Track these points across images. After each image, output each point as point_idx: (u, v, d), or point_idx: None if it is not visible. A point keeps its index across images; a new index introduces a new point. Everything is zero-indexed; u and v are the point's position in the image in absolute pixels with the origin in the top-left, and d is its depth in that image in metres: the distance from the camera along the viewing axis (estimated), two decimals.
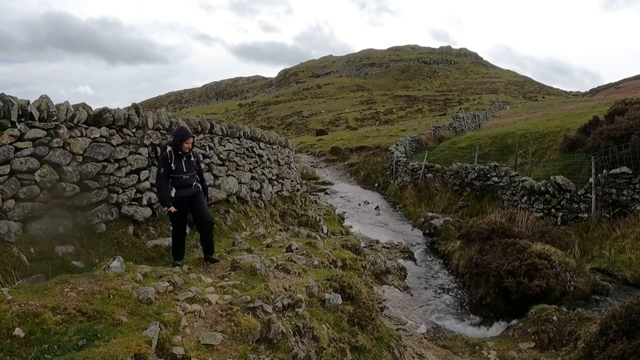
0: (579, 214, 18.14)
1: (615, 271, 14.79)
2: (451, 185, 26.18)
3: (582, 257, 15.61)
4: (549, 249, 13.67)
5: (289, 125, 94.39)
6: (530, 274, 12.43)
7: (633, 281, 14.04)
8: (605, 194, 17.69)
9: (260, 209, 15.02)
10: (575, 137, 23.25)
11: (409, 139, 38.37)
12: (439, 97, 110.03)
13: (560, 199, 18.66)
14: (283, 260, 9.15)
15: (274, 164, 17.61)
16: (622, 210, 17.24)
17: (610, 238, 16.52)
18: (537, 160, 24.69)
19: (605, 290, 13.29)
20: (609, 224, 17.11)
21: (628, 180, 17.36)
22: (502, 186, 22.57)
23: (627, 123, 19.52)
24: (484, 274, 13.34)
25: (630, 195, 17.21)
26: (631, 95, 37.12)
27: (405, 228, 22.35)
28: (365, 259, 13.43)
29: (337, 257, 11.15)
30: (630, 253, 15.26)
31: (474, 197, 24.07)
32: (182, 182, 8.78)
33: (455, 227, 19.14)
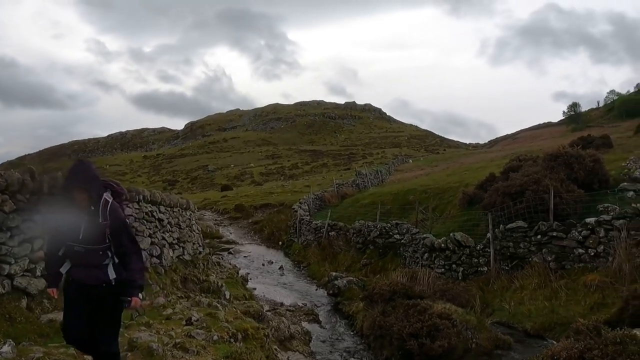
0: (479, 268, 18.60)
1: (516, 323, 15.06)
2: (354, 243, 26.25)
3: (484, 311, 15.86)
4: (449, 308, 13.84)
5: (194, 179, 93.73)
6: (432, 334, 12.51)
7: (533, 332, 14.32)
8: (503, 248, 18.23)
9: (161, 276, 14.62)
10: (473, 193, 23.99)
11: (312, 197, 38.59)
12: (343, 152, 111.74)
13: (460, 254, 19.10)
14: (182, 337, 8.86)
15: (175, 227, 17.26)
16: (519, 262, 17.78)
17: (510, 290, 16.94)
18: (437, 216, 25.22)
19: (506, 344, 13.48)
20: (508, 277, 17.59)
21: (524, 233, 17.97)
22: (404, 243, 22.79)
23: (521, 180, 20.27)
24: (387, 336, 13.35)
25: (527, 247, 17.79)
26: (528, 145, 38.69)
27: (309, 288, 22.22)
28: (268, 325, 13.22)
29: (238, 328, 10.89)
30: (529, 304, 15.62)
31: (377, 254, 24.19)
32: (75, 256, 5.79)
33: (359, 287, 19.17)
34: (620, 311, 12.91)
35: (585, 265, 16.44)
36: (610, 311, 13.46)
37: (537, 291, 16.23)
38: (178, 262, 16.66)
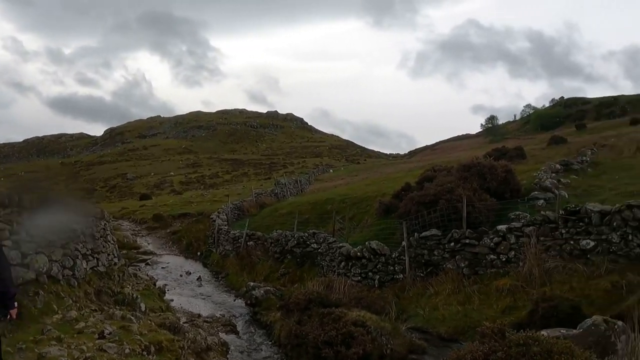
0: (394, 276, 18.93)
1: (430, 328, 15.38)
2: (272, 253, 26.19)
3: (400, 317, 16.10)
4: (364, 315, 14.01)
5: (113, 187, 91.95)
6: (347, 342, 12.62)
7: (447, 336, 14.66)
8: (418, 255, 18.64)
9: (74, 288, 14.24)
10: (390, 202, 24.42)
11: (231, 206, 38.42)
12: (264, 161, 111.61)
13: (376, 262, 19.39)
14: (93, 351, 8.70)
15: (89, 237, 16.88)
16: (434, 269, 18.23)
17: (425, 296, 17.33)
18: (355, 225, 25.50)
19: (421, 349, 13.75)
20: (423, 283, 18.02)
21: (438, 241, 18.43)
22: (322, 253, 22.94)
23: (435, 189, 20.79)
24: (303, 345, 13.39)
25: (440, 255, 18.25)
26: (446, 156, 39.66)
27: (227, 299, 22.06)
28: (184, 337, 13.06)
29: (152, 341, 10.75)
30: (443, 309, 16.02)
31: (295, 264, 24.25)
32: None
33: (277, 297, 19.13)
34: (531, 313, 13.42)
35: (498, 271, 17.06)
36: (522, 314, 13.99)
37: (451, 296, 16.67)
38: (92, 273, 16.27)
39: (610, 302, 13.83)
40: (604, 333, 10.41)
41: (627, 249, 15.19)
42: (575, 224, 16.24)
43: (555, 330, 11.19)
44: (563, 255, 16.05)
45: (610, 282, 14.45)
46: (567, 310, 12.87)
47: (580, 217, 16.24)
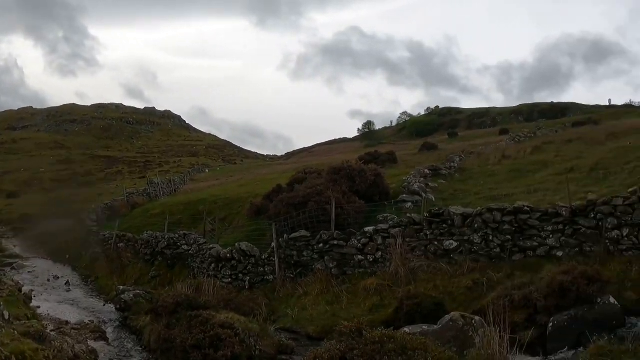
0: (265, 277, 19.12)
1: (300, 328, 15.57)
2: (143, 255, 25.78)
3: (270, 318, 16.21)
4: (233, 317, 14.02)
5: None
6: (215, 345, 12.60)
7: (316, 335, 14.86)
8: (288, 256, 18.88)
9: None
10: (261, 203, 24.57)
11: (102, 206, 37.53)
12: (140, 159, 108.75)
13: (247, 264, 19.50)
14: None
15: None
16: (304, 270, 18.53)
17: (295, 297, 17.59)
18: (227, 227, 25.47)
19: (290, 349, 13.89)
20: (292, 284, 18.29)
21: (307, 242, 18.73)
22: (192, 254, 22.80)
23: (304, 191, 21.15)
24: (172, 350, 13.25)
25: (310, 255, 18.56)
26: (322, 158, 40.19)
27: (97, 304, 21.47)
28: (50, 346, 12.60)
29: (14, 351, 10.29)
30: (312, 310, 16.32)
31: (166, 266, 24.00)
32: None
33: (147, 300, 18.78)
34: (396, 311, 13.89)
35: (365, 271, 17.57)
36: (388, 312, 14.47)
37: (320, 296, 17.00)
38: None
39: (472, 299, 14.54)
40: (462, 328, 10.94)
41: (487, 249, 16.10)
42: (439, 226, 17.00)
43: (418, 326, 11.67)
44: (428, 255, 16.76)
45: (472, 280, 15.21)
46: (431, 307, 13.39)
47: (444, 219, 17.01)
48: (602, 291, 12.16)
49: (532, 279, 13.51)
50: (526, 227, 15.85)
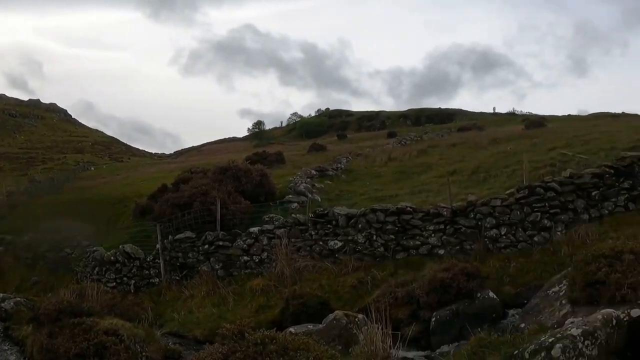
0: (150, 280, 18.80)
1: (186, 332, 15.41)
2: (24, 259, 24.56)
3: (156, 322, 15.92)
4: (117, 323, 13.61)
5: None
6: (100, 353, 12.20)
7: (203, 338, 14.68)
8: (173, 258, 18.67)
9: None
10: (146, 203, 24.09)
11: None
12: (22, 155, 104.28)
13: (131, 267, 19.10)
14: None
15: None
16: (189, 272, 18.36)
17: (181, 300, 17.38)
18: (111, 228, 24.80)
19: (177, 354, 13.65)
20: (178, 287, 18.08)
21: (192, 243, 18.59)
22: (75, 258, 22.12)
23: (190, 191, 20.96)
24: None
25: (195, 257, 18.42)
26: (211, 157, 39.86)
27: None
28: None
29: None
30: (198, 312, 16.15)
31: (48, 270, 22.99)
32: None
33: (28, 308, 17.97)
34: (283, 311, 14.01)
35: (252, 271, 17.64)
36: (275, 312, 14.57)
37: (206, 299, 16.85)
38: None
39: (356, 297, 14.84)
40: (345, 326, 11.10)
41: (371, 249, 16.52)
42: (324, 226, 17.28)
43: (303, 326, 11.76)
44: (313, 255, 16.99)
45: (356, 279, 15.53)
46: (316, 306, 13.57)
47: (328, 219, 17.32)
48: (481, 286, 12.73)
49: (414, 277, 13.93)
50: (409, 226, 16.38)
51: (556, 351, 7.58)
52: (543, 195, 15.76)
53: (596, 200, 15.87)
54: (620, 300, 9.44)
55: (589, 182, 15.97)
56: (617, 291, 9.55)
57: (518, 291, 13.74)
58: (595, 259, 10.48)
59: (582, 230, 15.04)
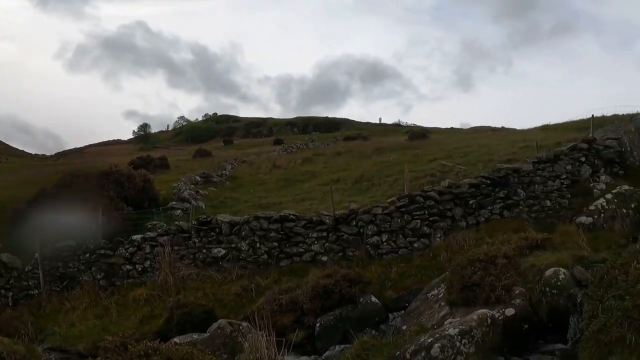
0: (29, 292, 18.02)
1: (69, 346, 14.84)
2: None
3: (37, 337, 15.32)
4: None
5: None
6: None
7: (87, 353, 14.22)
8: (53, 268, 18.05)
9: None
10: (24, 209, 23.02)
11: None
12: None
13: (9, 277, 18.18)
14: None
15: None
16: (70, 282, 17.79)
17: (62, 312, 16.76)
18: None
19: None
20: (59, 298, 17.41)
21: (73, 252, 18.11)
22: None
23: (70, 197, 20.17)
24: None
25: (76, 267, 17.97)
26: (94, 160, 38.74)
27: None
28: None
29: None
30: (81, 325, 15.64)
31: None
32: None
33: None
34: (167, 321, 13.89)
35: (135, 281, 17.38)
36: (159, 322, 14.41)
37: (89, 310, 16.42)
38: None
39: (241, 305, 14.96)
40: (230, 334, 11.15)
41: (255, 256, 16.76)
42: (208, 234, 17.38)
43: (188, 336, 11.68)
44: (197, 264, 17.01)
45: (240, 287, 15.67)
46: (201, 315, 13.57)
47: (212, 227, 17.42)
48: (364, 291, 13.20)
49: (298, 283, 14.23)
50: (292, 234, 16.75)
51: (435, 350, 8.04)
52: (423, 203, 16.56)
53: (473, 209, 16.92)
54: (495, 300, 10.14)
55: (467, 191, 16.94)
56: (492, 292, 10.22)
57: (399, 295, 14.39)
58: (471, 263, 11.10)
59: (459, 237, 16.00)
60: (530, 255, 12.03)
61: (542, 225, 16.71)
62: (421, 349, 8.20)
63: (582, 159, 18.41)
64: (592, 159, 18.58)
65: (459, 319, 9.48)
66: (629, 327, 7.15)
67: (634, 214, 15.99)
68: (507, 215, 17.12)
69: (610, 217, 16.01)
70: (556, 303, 10.12)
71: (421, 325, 10.75)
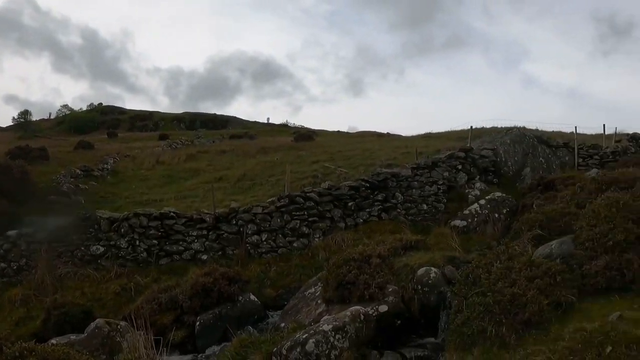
0: None
1: None
2: None
3: None
4: None
5: None
6: None
7: None
8: None
9: None
10: None
11: None
12: None
13: None
14: None
15: None
16: None
17: None
18: None
19: None
20: None
21: None
22: None
23: None
24: None
25: None
26: None
27: None
28: None
29: None
30: None
31: None
32: None
33: None
34: (44, 322, 13.56)
35: (10, 280, 16.61)
36: (36, 323, 14.00)
37: None
38: None
39: (120, 304, 14.86)
40: (108, 334, 11.19)
41: (134, 254, 16.62)
42: (86, 230, 16.92)
43: (66, 336, 11.63)
44: (75, 262, 16.60)
45: (120, 285, 15.54)
46: (79, 315, 13.36)
47: (90, 223, 16.96)
48: (243, 290, 13.52)
49: (178, 282, 14.32)
50: (172, 232, 16.79)
51: (310, 346, 8.44)
52: (303, 204, 17.06)
53: (352, 210, 17.61)
54: (369, 298, 10.66)
55: (346, 193, 17.60)
56: (366, 290, 10.75)
57: (278, 293, 14.82)
58: (346, 262, 11.61)
59: (338, 237, 16.61)
60: (404, 256, 12.56)
61: (419, 227, 17.72)
62: (297, 345, 8.57)
63: (459, 167, 19.63)
64: (469, 167, 19.86)
65: (333, 315, 9.93)
66: (490, 320, 7.81)
67: (505, 218, 17.18)
68: (385, 218, 17.98)
69: (483, 221, 17.13)
70: (427, 300, 10.76)
71: (299, 322, 11.15)
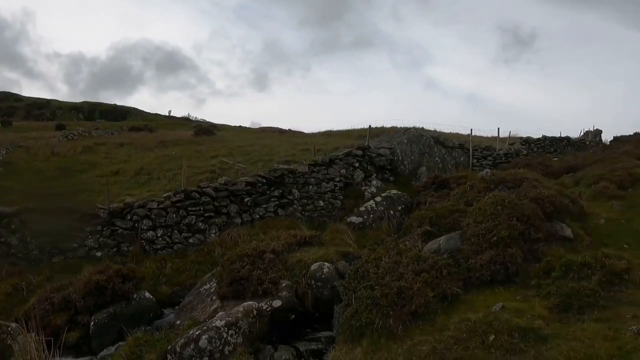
0: None
1: None
2: None
3: None
4: None
5: None
6: None
7: None
8: None
9: None
10: None
11: None
12: None
13: None
14: None
15: None
16: None
17: None
18: None
19: None
20: None
21: None
22: None
23: None
24: None
25: None
26: None
27: None
28: None
29: None
30: None
31: None
32: None
33: None
34: None
35: None
36: None
37: None
38: None
39: (12, 305, 14.31)
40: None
41: (26, 252, 15.99)
42: None
43: None
44: None
45: (11, 285, 14.96)
46: None
47: None
48: (137, 287, 13.32)
49: (71, 281, 13.91)
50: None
51: (203, 342, 8.58)
52: (199, 199, 17.02)
53: (249, 206, 17.73)
54: (262, 293, 10.82)
55: (243, 189, 17.68)
56: (260, 286, 10.91)
57: (174, 290, 14.69)
58: (240, 258, 11.76)
59: (234, 233, 16.68)
60: (298, 251, 12.80)
61: (315, 223, 18.08)
62: (190, 342, 8.68)
63: (356, 164, 20.13)
64: (366, 164, 20.39)
65: (227, 311, 10.09)
66: (377, 312, 8.13)
67: (400, 215, 17.69)
68: (281, 214, 18.19)
69: (378, 217, 17.61)
70: (321, 294, 11.04)
71: (194, 319, 11.23)
